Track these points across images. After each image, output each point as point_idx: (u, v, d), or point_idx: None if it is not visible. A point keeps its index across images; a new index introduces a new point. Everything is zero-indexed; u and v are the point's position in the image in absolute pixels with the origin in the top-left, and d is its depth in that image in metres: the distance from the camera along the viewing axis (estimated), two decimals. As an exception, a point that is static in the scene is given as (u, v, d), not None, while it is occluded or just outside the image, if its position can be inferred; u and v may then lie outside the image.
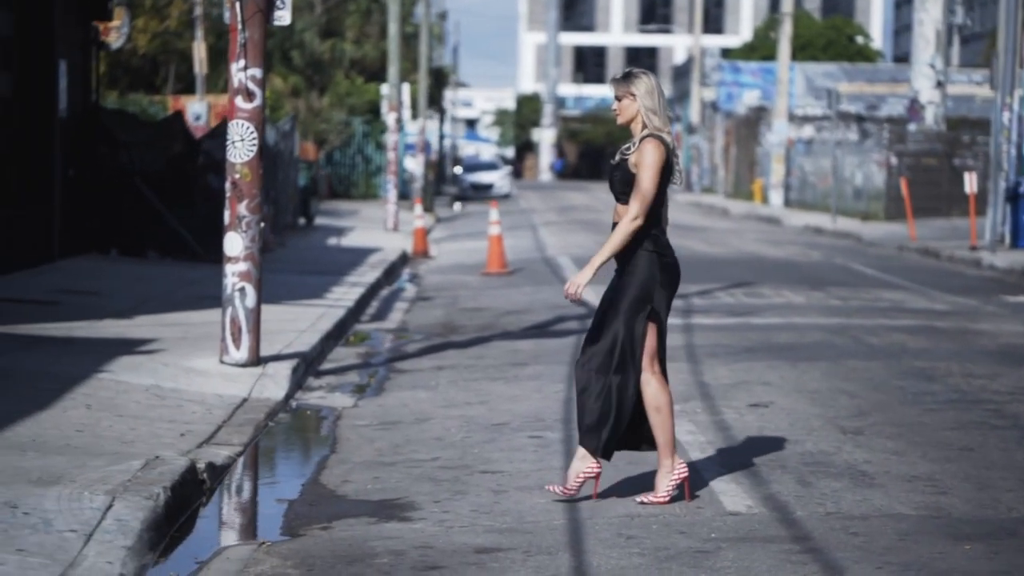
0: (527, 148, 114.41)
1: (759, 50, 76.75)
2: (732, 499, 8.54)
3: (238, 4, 12.61)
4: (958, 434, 10.62)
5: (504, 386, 12.91)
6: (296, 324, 15.86)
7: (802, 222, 42.99)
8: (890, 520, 8.07)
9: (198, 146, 24.31)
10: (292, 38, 58.36)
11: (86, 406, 10.74)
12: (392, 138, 37.75)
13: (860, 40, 79.00)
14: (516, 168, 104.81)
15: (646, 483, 8.71)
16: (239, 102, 12.75)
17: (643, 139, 8.24)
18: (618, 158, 8.36)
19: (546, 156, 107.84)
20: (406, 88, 42.06)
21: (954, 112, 48.58)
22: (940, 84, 41.85)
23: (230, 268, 12.77)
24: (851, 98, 61.47)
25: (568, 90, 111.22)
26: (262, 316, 12.99)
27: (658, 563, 7.26)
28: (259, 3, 12.74)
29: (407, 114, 45.47)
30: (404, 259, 28.52)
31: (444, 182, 71.84)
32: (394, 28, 37.47)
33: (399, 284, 24.12)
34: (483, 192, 65.81)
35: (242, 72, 12.72)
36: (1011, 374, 13.58)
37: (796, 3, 57.41)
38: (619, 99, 8.35)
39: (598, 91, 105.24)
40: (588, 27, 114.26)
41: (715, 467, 9.39)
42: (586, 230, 37.44)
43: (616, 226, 8.29)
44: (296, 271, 22.94)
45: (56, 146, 21.07)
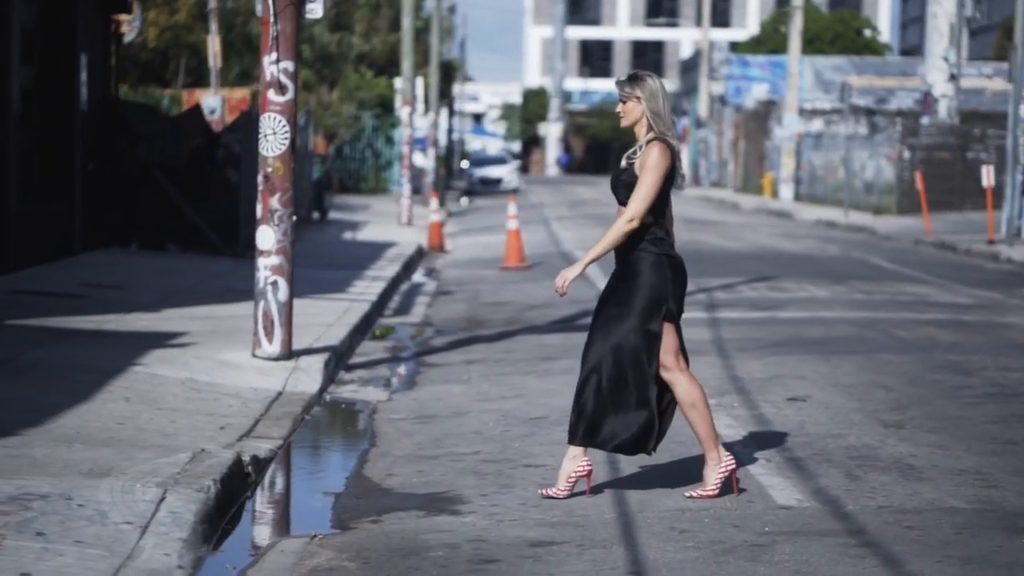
0: (533, 143, 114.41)
1: (766, 44, 76.72)
2: (781, 493, 8.51)
3: (271, -3, 12.57)
4: (1000, 427, 10.58)
5: (536, 380, 12.89)
6: (322, 318, 15.84)
7: (814, 216, 42.93)
8: (944, 514, 8.04)
9: (217, 140, 24.29)
10: (303, 32, 58.25)
11: (124, 399, 10.74)
12: (406, 132, 37.72)
13: (868, 33, 78.90)
14: (523, 163, 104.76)
15: (690, 477, 8.69)
16: (271, 95, 12.70)
17: (650, 143, 8.20)
18: (624, 163, 8.31)
19: (552, 151, 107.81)
20: (420, 82, 42.01)
21: (964, 105, 48.51)
22: (954, 77, 41.80)
23: (262, 262, 12.73)
24: (860, 91, 61.44)
25: (574, 84, 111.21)
26: (289, 310, 12.97)
27: (715, 557, 7.23)
28: (292, -4, 12.70)
29: (420, 108, 45.42)
30: (420, 253, 28.50)
31: (452, 177, 71.80)
32: (407, 21, 37.44)
33: (417, 278, 24.11)
34: (491, 187, 65.78)
35: (274, 65, 12.68)
36: (1045, 367, 13.57)
37: (806, -3, 57.40)
38: (624, 101, 8.30)
39: (604, 85, 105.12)
40: (594, 21, 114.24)
41: (760, 461, 9.36)
42: (599, 224, 37.37)
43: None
44: (316, 265, 22.90)
45: (77, 140, 21.06)
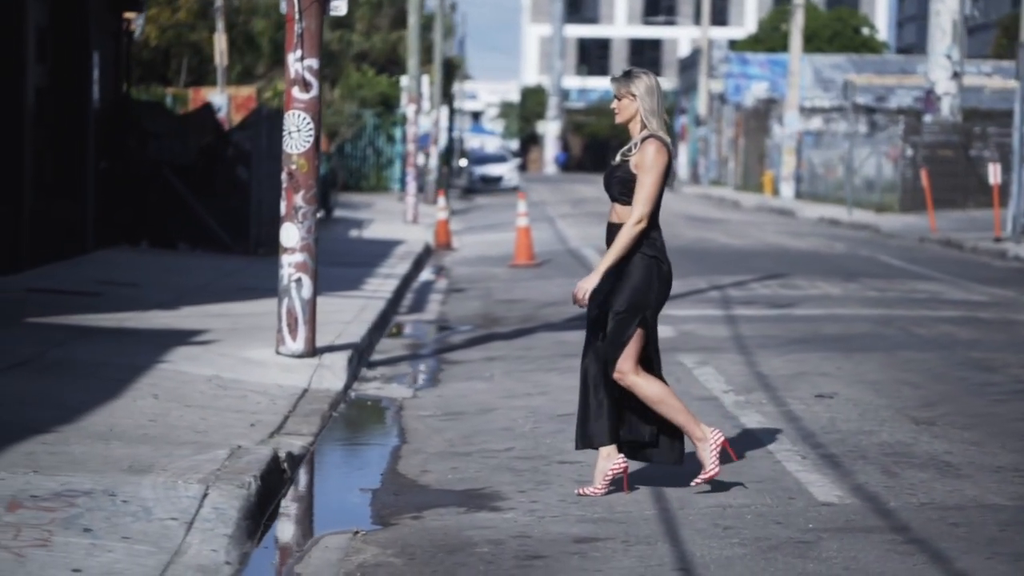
0: (531, 141, 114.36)
1: (765, 42, 76.67)
2: (821, 489, 8.51)
3: (296, -6, 12.56)
4: (1031, 425, 10.60)
5: (559, 377, 12.88)
6: (341, 315, 15.83)
7: (816, 214, 42.92)
8: (987, 511, 8.03)
9: (227, 138, 24.28)
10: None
11: (153, 396, 10.72)
12: (411, 130, 37.70)
13: (865, 31, 78.91)
14: (521, 161, 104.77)
15: (729, 473, 8.69)
16: (296, 92, 12.68)
17: (645, 140, 8.19)
18: (618, 159, 8.31)
19: (551, 149, 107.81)
20: (425, 80, 41.98)
21: (965, 103, 48.51)
22: (956, 75, 41.81)
23: (286, 259, 12.72)
24: (860, 90, 61.40)
25: (572, 82, 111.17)
26: (308, 307, 12.96)
27: (762, 553, 7.23)
28: (316, -8, 12.68)
29: (425, 106, 45.40)
30: (428, 251, 28.48)
31: (452, 175, 71.76)
32: (413, 19, 37.40)
33: (427, 276, 24.09)
34: (492, 185, 65.76)
35: (299, 63, 12.66)
36: (1067, 364, 13.57)
37: (805, -6, 57.38)
38: (619, 98, 8.30)
39: (602, 84, 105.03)
40: (592, 19, 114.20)
41: (795, 457, 9.36)
42: (603, 222, 36.88)
43: (613, 227, 8.27)
44: (326, 263, 22.70)
45: (90, 138, 21.03)
